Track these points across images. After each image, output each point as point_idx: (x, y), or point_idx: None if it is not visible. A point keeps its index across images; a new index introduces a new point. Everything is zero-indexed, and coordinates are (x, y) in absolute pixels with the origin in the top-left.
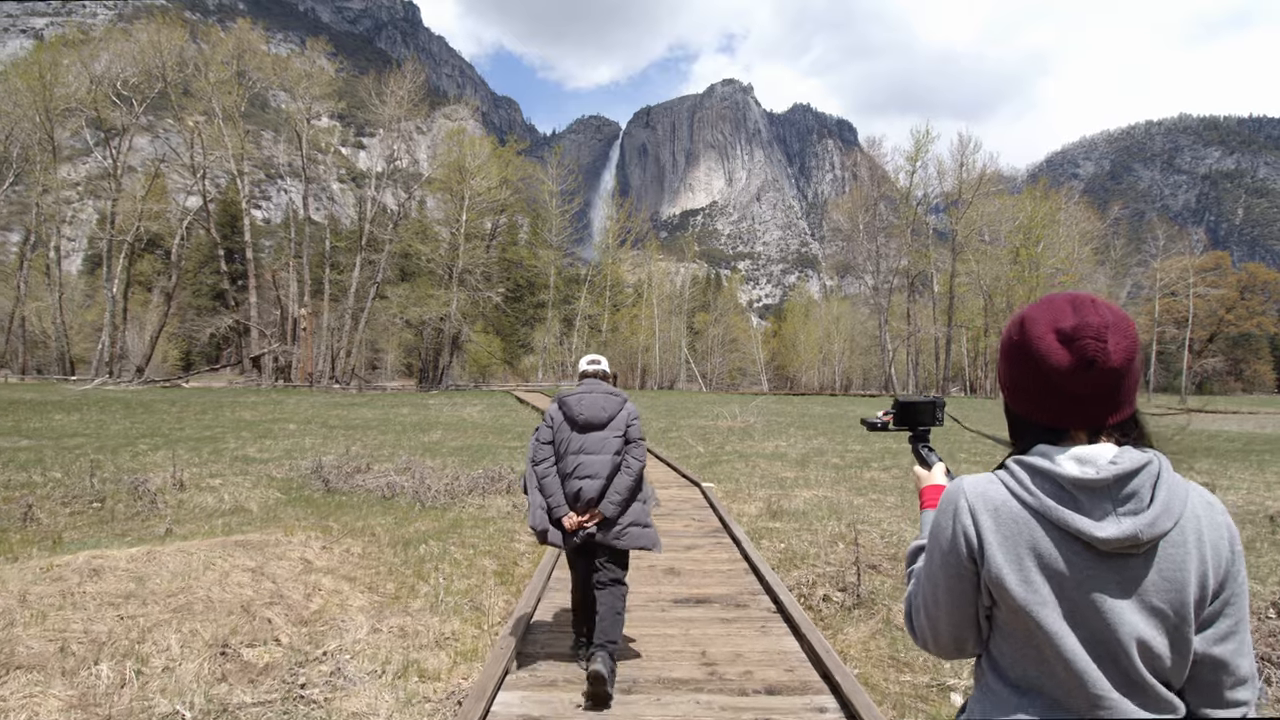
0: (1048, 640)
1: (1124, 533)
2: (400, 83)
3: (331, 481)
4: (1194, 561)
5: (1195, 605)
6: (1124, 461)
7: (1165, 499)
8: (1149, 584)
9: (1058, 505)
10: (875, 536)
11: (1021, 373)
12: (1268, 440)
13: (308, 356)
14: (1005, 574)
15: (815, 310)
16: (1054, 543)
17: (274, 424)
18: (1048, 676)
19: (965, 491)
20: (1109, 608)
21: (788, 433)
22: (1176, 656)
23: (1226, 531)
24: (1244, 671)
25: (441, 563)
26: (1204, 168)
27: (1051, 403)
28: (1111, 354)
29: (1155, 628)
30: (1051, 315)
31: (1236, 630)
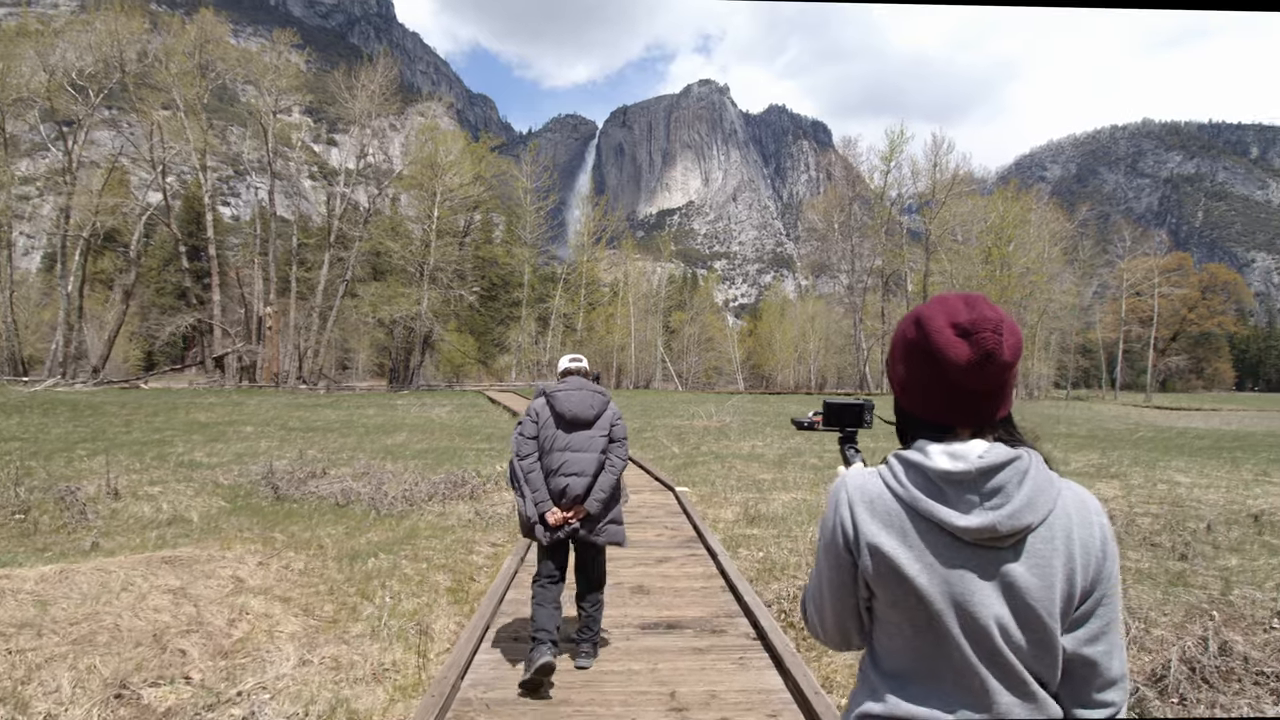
0: (927, 628)
1: (983, 524)
2: (371, 76)
3: (282, 488)
4: (1062, 558)
5: (1063, 602)
6: (990, 456)
7: (1029, 494)
8: (1017, 577)
9: (925, 497)
10: None
11: (918, 369)
12: (1235, 437)
13: (273, 356)
14: (886, 564)
15: (791, 309)
16: (921, 534)
17: (229, 426)
18: (924, 665)
19: (846, 486)
20: (976, 599)
21: (764, 432)
22: (1044, 652)
23: (1099, 531)
24: (1114, 673)
25: (390, 579)
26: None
27: (945, 398)
28: (1006, 348)
29: (1021, 621)
30: (947, 312)
31: (1107, 631)
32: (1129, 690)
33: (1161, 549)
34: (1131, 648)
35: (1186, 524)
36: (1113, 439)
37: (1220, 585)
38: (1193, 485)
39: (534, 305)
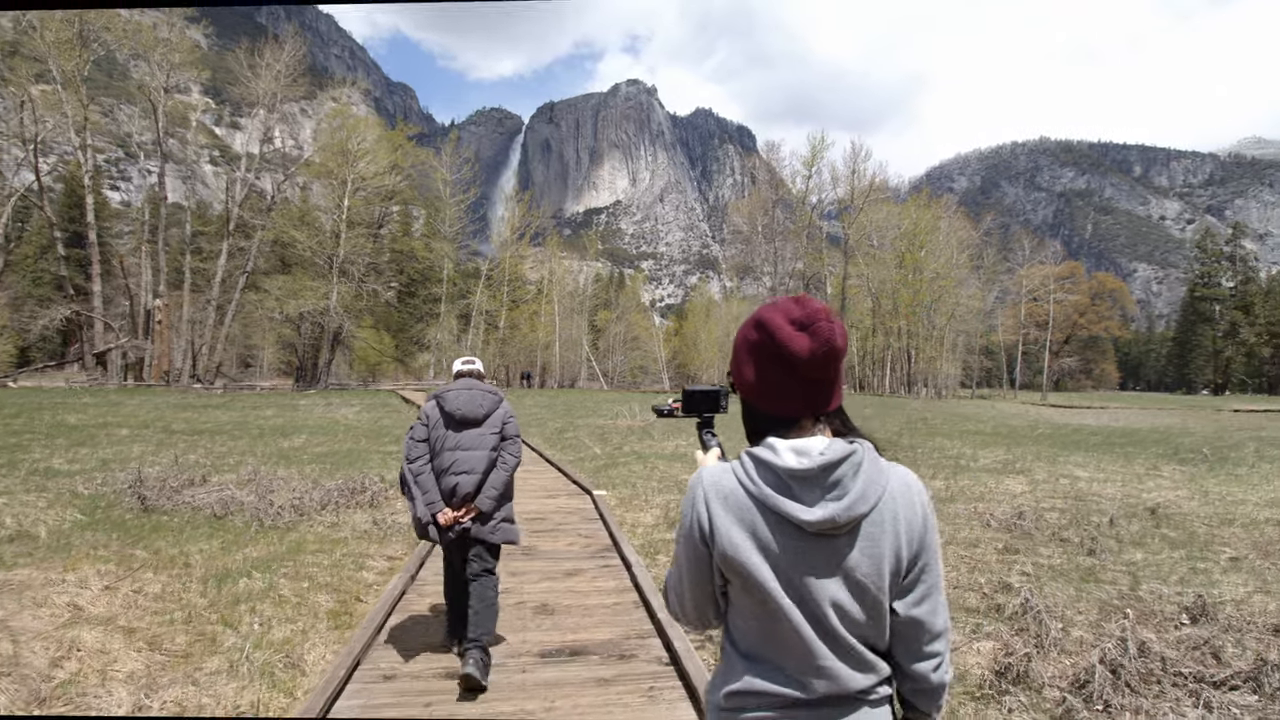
0: (772, 612)
1: (824, 516)
2: (277, 55)
3: (151, 498)
4: (889, 538)
5: (891, 576)
6: (830, 453)
7: (862, 486)
8: (852, 560)
9: (774, 493)
10: None
11: (766, 367)
12: (1124, 433)
13: (163, 353)
14: (735, 555)
15: (716, 310)
16: (770, 526)
17: (101, 429)
18: (772, 645)
19: (703, 482)
20: (814, 584)
21: (688, 432)
22: (875, 621)
23: (920, 509)
24: (938, 628)
25: (262, 602)
26: (1060, 186)
27: (792, 390)
28: (838, 335)
29: (856, 597)
30: (784, 311)
31: (930, 594)
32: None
33: (1070, 544)
34: (1052, 650)
35: (1090, 518)
36: (1016, 436)
37: (1129, 580)
38: (1091, 480)
39: (455, 302)
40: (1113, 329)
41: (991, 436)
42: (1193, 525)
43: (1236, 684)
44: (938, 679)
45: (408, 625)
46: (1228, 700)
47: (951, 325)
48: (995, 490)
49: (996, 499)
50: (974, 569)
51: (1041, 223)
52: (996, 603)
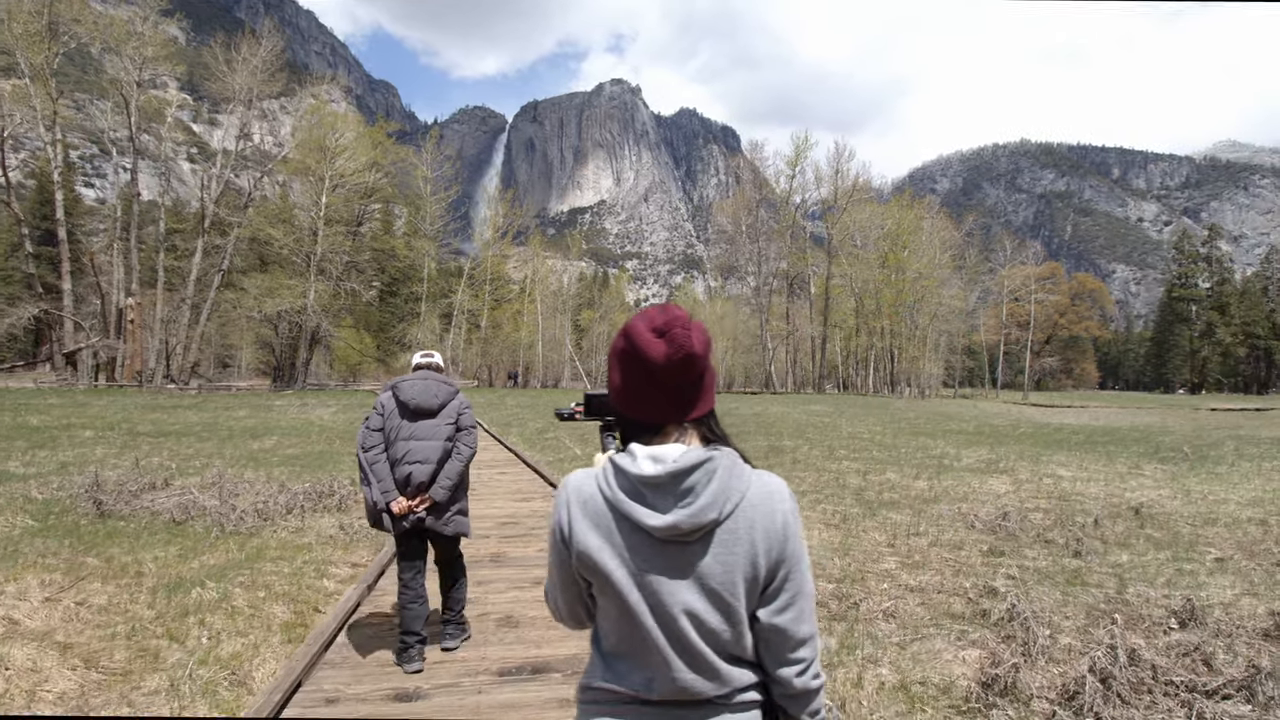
0: (626, 616)
1: (670, 522)
2: (254, 50)
3: (108, 502)
4: (745, 547)
5: (747, 584)
6: (683, 460)
7: (713, 493)
8: (705, 567)
9: (627, 499)
10: None
11: (629, 373)
12: (1105, 431)
13: (136, 352)
14: (590, 560)
15: (700, 310)
16: (624, 532)
17: (64, 431)
18: (627, 646)
19: (568, 486)
20: (665, 590)
21: None
22: (732, 628)
23: (781, 518)
24: (802, 634)
25: (214, 613)
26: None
27: (652, 395)
28: (694, 341)
29: (711, 604)
30: (647, 319)
31: (794, 602)
32: (819, 645)
33: (1055, 545)
34: (1040, 659)
35: (1075, 518)
36: (998, 435)
37: (1115, 583)
38: (1074, 479)
39: (436, 301)
40: (1092, 329)
41: (974, 436)
42: (1177, 525)
43: (1229, 693)
44: (801, 684)
45: (359, 642)
46: (1221, 710)
47: (934, 325)
48: (979, 490)
49: (980, 499)
50: (958, 572)
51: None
52: (982, 608)
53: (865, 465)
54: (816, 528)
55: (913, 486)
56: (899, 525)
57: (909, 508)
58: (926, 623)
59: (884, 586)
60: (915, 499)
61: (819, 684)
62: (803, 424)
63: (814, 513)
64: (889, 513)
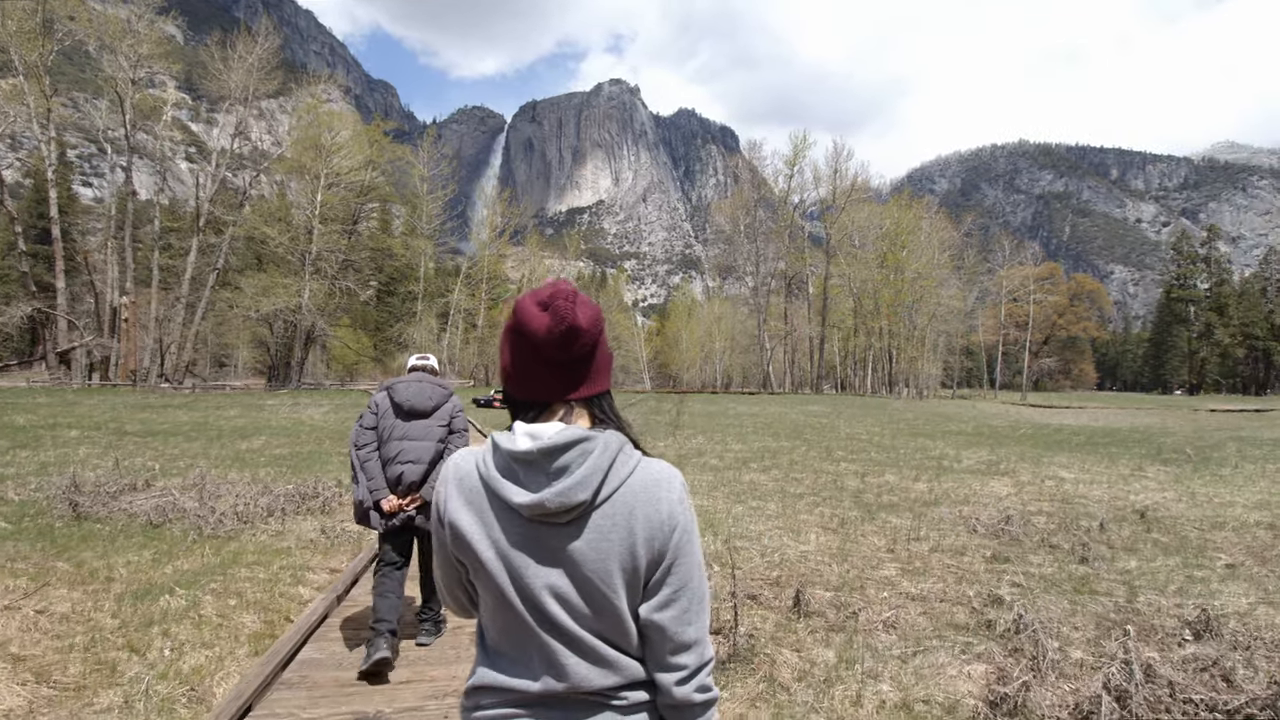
0: (501, 601)
1: (533, 500)
2: (250, 48)
3: (84, 504)
4: (621, 533)
5: (625, 574)
6: (557, 437)
7: (586, 473)
8: (577, 551)
9: (499, 477)
10: (755, 555)
11: (515, 349)
12: (1105, 433)
13: (130, 351)
14: (461, 539)
15: (698, 310)
16: (495, 511)
17: (49, 430)
18: (507, 637)
19: (450, 463)
20: (530, 572)
21: (666, 431)
22: (609, 620)
23: (668, 508)
24: (685, 638)
25: (180, 623)
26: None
27: (535, 370)
28: (579, 314)
29: (581, 591)
30: (534, 295)
31: (677, 599)
32: (710, 655)
33: (1060, 551)
34: (1050, 674)
35: (1079, 522)
36: (998, 436)
37: (1125, 591)
38: (1077, 481)
39: (433, 300)
40: (1090, 330)
41: (974, 437)
42: (1184, 529)
43: (1252, 712)
44: (681, 695)
45: (322, 658)
46: None
47: (933, 325)
48: (980, 493)
49: (982, 502)
50: (961, 579)
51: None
52: (987, 618)
53: (863, 467)
54: (814, 531)
55: (912, 489)
56: (899, 529)
57: (909, 511)
58: (929, 634)
59: (884, 595)
60: (915, 502)
61: (705, 699)
62: (800, 425)
63: (811, 516)
64: (888, 516)
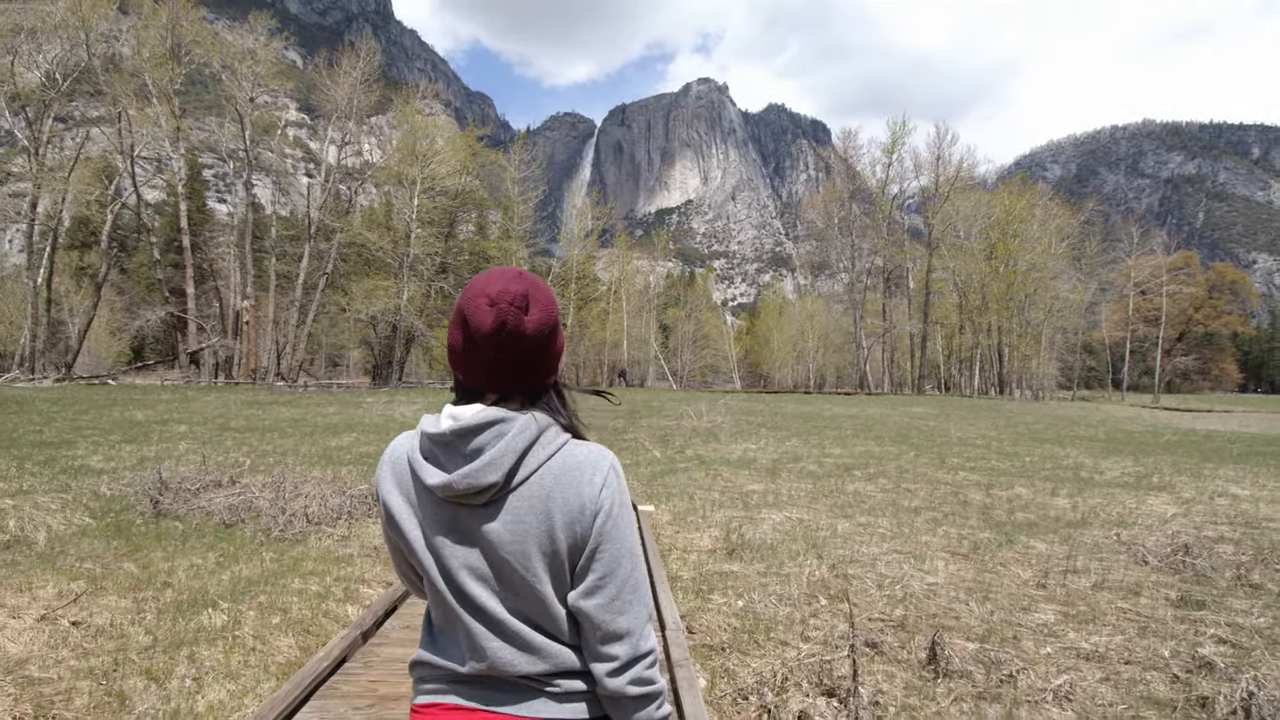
0: (429, 581)
1: (441, 481)
2: (354, 62)
3: (165, 501)
4: (538, 515)
5: (545, 557)
6: (473, 418)
7: (497, 454)
8: (493, 533)
9: (420, 459)
10: (870, 586)
11: (459, 333)
12: (1269, 441)
13: (251, 351)
14: (392, 519)
15: (789, 308)
16: (417, 491)
17: (161, 425)
18: (442, 617)
19: (391, 445)
20: (447, 552)
21: (758, 434)
22: (532, 604)
23: (590, 493)
24: (615, 627)
25: (213, 644)
26: (1166, 172)
27: (472, 363)
28: (527, 322)
29: (499, 574)
30: (485, 282)
31: (603, 586)
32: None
33: (1267, 593)
34: None
35: (1278, 553)
36: (1138, 443)
37: None
38: (1255, 499)
39: None
40: (1233, 325)
41: (1108, 444)
42: None
43: None
44: (614, 686)
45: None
46: None
47: (1049, 321)
48: (1138, 512)
49: (1142, 524)
50: (1145, 630)
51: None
52: (1198, 693)
53: (986, 477)
54: (940, 558)
55: (1051, 505)
56: (1047, 558)
57: (1052, 533)
58: (1122, 714)
59: (1046, 650)
60: (1057, 521)
61: (640, 692)
62: (905, 427)
63: (934, 537)
64: (1029, 539)
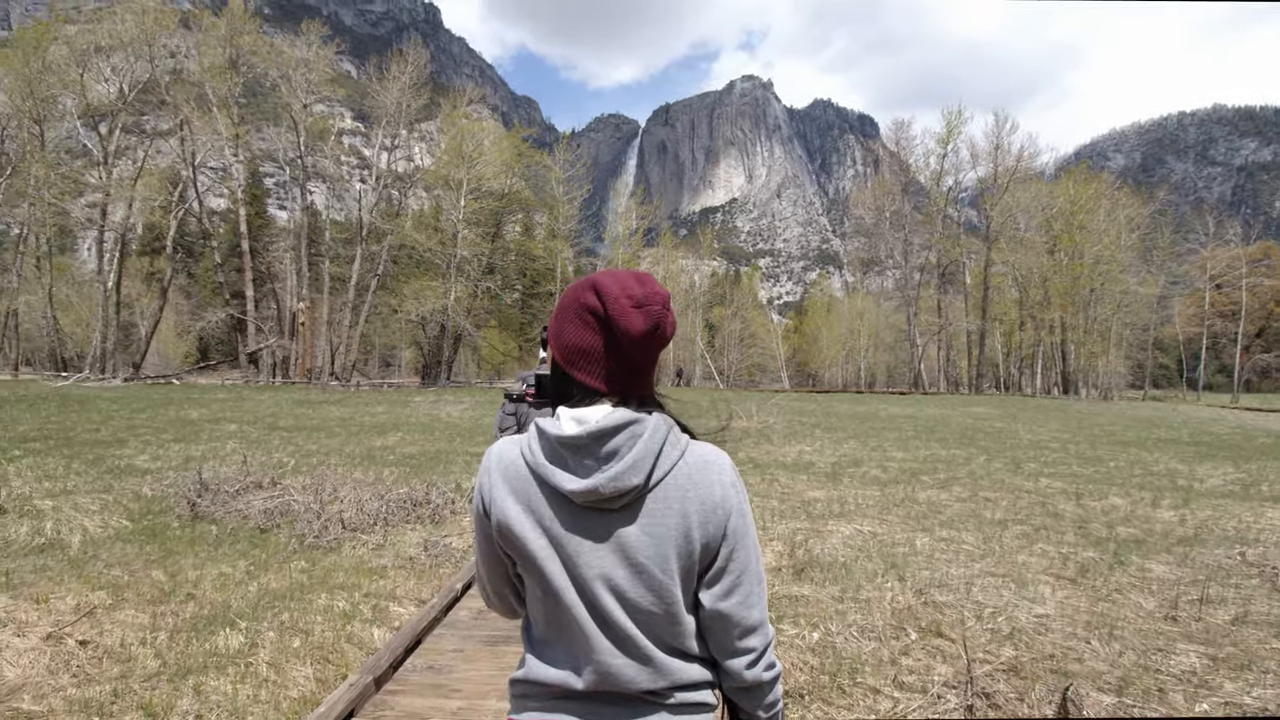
0: (551, 593)
1: (585, 486)
2: (402, 68)
3: (203, 504)
4: (676, 518)
5: (682, 559)
6: (605, 421)
7: (637, 456)
8: (631, 539)
9: (546, 463)
10: (966, 617)
11: (592, 335)
12: None
13: (307, 352)
14: (509, 530)
15: (838, 306)
16: (545, 498)
17: (214, 424)
18: (554, 630)
19: (492, 453)
20: (583, 560)
21: (812, 435)
22: (665, 611)
23: (721, 491)
24: (750, 621)
25: (223, 673)
26: (1240, 159)
27: (610, 365)
28: (669, 324)
29: (639, 580)
30: (622, 285)
31: (740, 585)
32: (772, 633)
33: None
34: None
35: None
36: (1229, 446)
37: None
38: None
39: None
40: None
41: (1198, 447)
42: None
43: None
44: (753, 676)
45: None
46: None
47: (1118, 317)
48: (1256, 526)
49: (1267, 540)
50: None
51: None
52: None
53: (1073, 485)
54: (1044, 581)
55: (1155, 517)
56: (1169, 583)
57: (1165, 551)
58: None
59: (1203, 707)
60: (1166, 537)
61: (772, 675)
62: (968, 429)
63: (1031, 556)
64: (1140, 559)
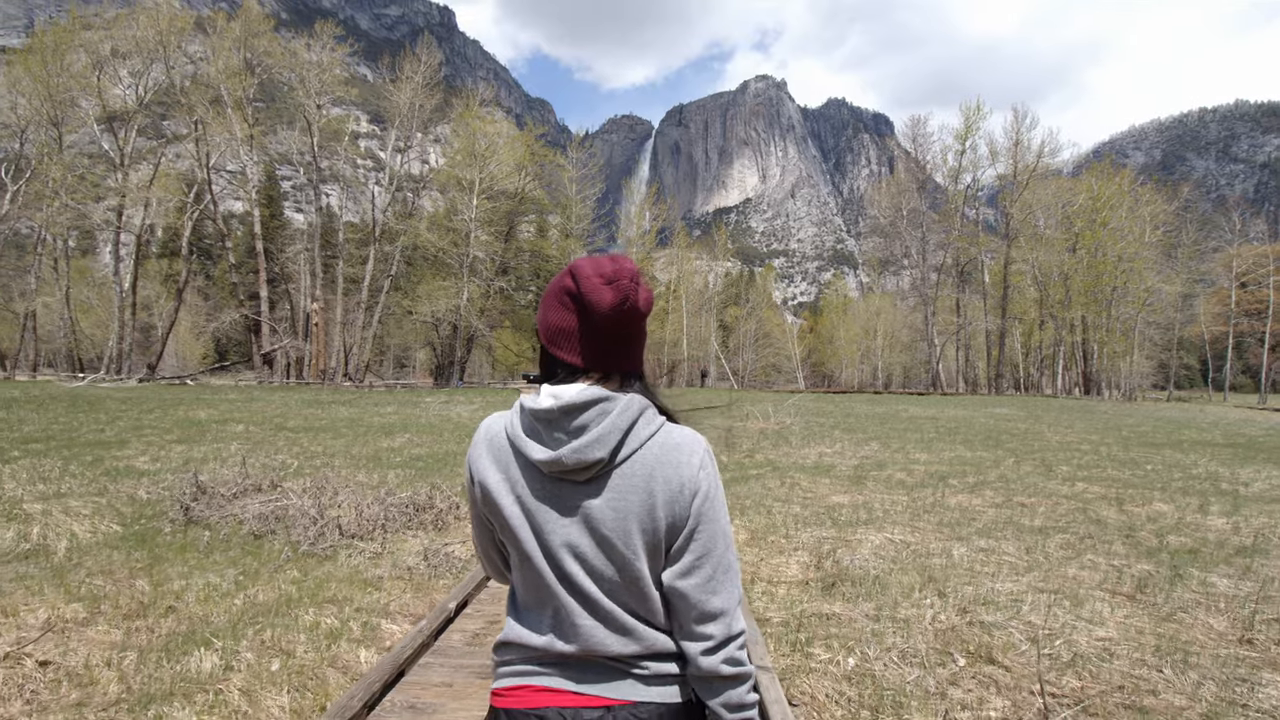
0: (526, 558)
1: (550, 457)
2: (415, 67)
3: (198, 508)
4: (640, 495)
5: (646, 535)
6: (578, 396)
7: (603, 431)
8: (596, 510)
9: (523, 435)
10: (1018, 639)
11: (568, 315)
12: None
13: (320, 352)
14: (488, 496)
15: (853, 305)
16: (520, 468)
17: (221, 424)
18: (533, 595)
19: (483, 424)
20: (550, 528)
21: (832, 436)
22: (629, 584)
23: (689, 472)
24: (709, 607)
25: (190, 703)
26: (1263, 155)
27: (585, 340)
28: (640, 298)
29: (602, 551)
30: (596, 265)
31: (700, 566)
32: (739, 629)
33: None
34: None
35: None
36: (1267, 448)
37: None
38: None
39: None
40: None
41: (1233, 449)
42: None
43: None
44: (708, 665)
45: None
46: None
47: (1141, 316)
48: None
49: None
50: None
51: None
52: None
53: (1112, 489)
54: (1099, 598)
55: (1206, 525)
56: (1237, 600)
57: (1224, 563)
58: None
59: None
60: (1222, 548)
61: (734, 672)
62: (992, 430)
63: (1081, 569)
64: (1200, 572)
